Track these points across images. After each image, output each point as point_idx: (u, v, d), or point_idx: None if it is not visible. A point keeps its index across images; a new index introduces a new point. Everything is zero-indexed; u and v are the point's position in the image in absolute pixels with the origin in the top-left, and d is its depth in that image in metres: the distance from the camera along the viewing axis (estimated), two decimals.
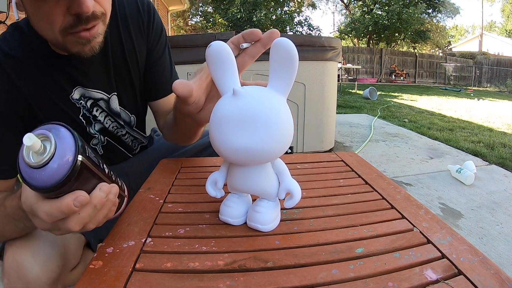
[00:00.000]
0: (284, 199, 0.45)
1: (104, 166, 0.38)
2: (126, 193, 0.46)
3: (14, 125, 0.60)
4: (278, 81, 0.40)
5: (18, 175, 0.33)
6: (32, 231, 0.54)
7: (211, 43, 0.41)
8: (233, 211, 0.45)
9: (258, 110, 0.37)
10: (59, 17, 0.50)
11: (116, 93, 0.72)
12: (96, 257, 0.38)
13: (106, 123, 0.74)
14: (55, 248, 0.54)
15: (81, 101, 0.68)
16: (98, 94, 0.70)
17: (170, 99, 0.77)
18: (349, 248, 0.40)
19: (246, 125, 0.37)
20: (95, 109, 0.71)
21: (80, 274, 0.59)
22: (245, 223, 0.45)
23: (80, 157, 0.31)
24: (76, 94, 0.67)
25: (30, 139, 0.28)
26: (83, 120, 0.69)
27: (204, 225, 0.45)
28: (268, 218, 0.44)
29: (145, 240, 0.42)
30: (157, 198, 0.54)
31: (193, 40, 2.37)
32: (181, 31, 17.16)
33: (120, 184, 0.43)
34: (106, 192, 0.36)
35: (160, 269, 0.36)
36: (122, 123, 0.77)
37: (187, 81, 0.47)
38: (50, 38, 0.55)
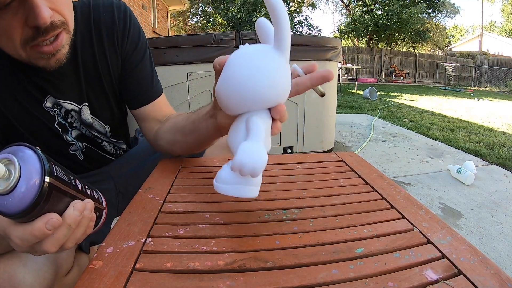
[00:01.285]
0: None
1: (77, 181, 0.37)
2: (104, 204, 0.45)
3: None
4: (275, 37, 0.40)
5: None
6: None
7: (260, 18, 0.45)
8: (220, 174, 0.42)
9: (244, 58, 0.40)
10: (18, 30, 0.48)
11: (87, 103, 0.69)
12: (96, 257, 0.38)
13: (82, 129, 0.72)
14: (45, 256, 0.53)
15: (55, 109, 0.66)
16: (69, 105, 0.67)
17: (157, 105, 0.75)
18: (349, 248, 0.40)
19: (234, 68, 0.41)
20: (70, 115, 0.69)
21: (75, 278, 0.60)
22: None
23: (47, 179, 0.30)
24: (48, 103, 0.64)
25: None
26: (59, 128, 0.68)
27: (204, 225, 0.45)
28: (223, 176, 0.40)
29: (145, 240, 0.42)
30: (157, 198, 0.54)
31: (193, 40, 2.37)
32: (181, 31, 17.16)
33: (96, 197, 0.42)
34: (80, 210, 0.35)
35: (160, 269, 0.36)
36: (97, 133, 0.74)
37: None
38: (13, 54, 0.52)
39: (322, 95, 0.47)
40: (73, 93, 0.66)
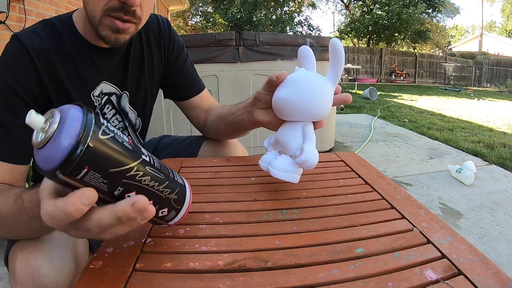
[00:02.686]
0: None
1: (153, 158, 0.34)
2: (187, 198, 0.41)
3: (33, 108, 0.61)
4: (330, 70, 0.55)
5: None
6: (44, 237, 0.52)
7: (302, 46, 0.59)
8: (265, 157, 0.58)
9: (301, 78, 0.54)
10: None
11: (127, 92, 0.77)
12: (96, 257, 0.38)
13: (113, 122, 0.77)
14: (68, 252, 0.53)
15: (99, 98, 0.72)
16: (113, 88, 0.74)
17: (203, 96, 0.89)
18: (349, 248, 0.40)
19: (290, 85, 0.54)
20: (106, 106, 0.74)
21: None
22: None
23: (90, 141, 0.27)
24: (97, 91, 0.71)
25: (29, 116, 0.26)
26: None
27: (204, 225, 0.45)
28: (279, 165, 0.53)
29: (145, 240, 0.42)
30: None
31: (193, 40, 2.37)
32: (181, 31, 17.16)
33: (177, 188, 0.38)
34: (140, 209, 0.30)
35: (160, 269, 0.36)
36: (128, 124, 0.80)
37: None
38: (91, 13, 0.60)
39: (342, 109, 0.64)
40: (119, 78, 0.75)
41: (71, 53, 0.66)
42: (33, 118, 0.27)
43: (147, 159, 0.34)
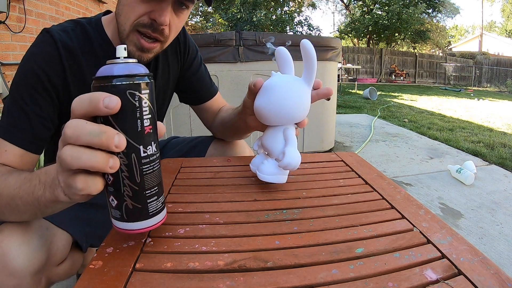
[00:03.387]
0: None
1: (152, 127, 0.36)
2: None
3: (54, 102, 0.64)
4: (304, 72, 0.55)
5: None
6: (24, 223, 0.53)
7: (279, 47, 0.59)
8: (254, 160, 0.61)
9: (278, 83, 0.55)
10: (139, 13, 0.59)
11: None
12: (96, 257, 0.38)
13: None
14: (42, 242, 0.55)
15: None
16: None
17: (215, 101, 0.92)
18: (349, 248, 0.40)
19: (268, 92, 0.55)
20: None
21: (66, 270, 0.63)
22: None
23: (147, 79, 0.35)
24: None
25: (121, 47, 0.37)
26: None
27: (204, 225, 0.45)
28: (266, 169, 0.56)
29: (145, 240, 0.42)
30: None
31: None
32: None
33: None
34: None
35: (160, 269, 0.36)
36: None
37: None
38: (121, 25, 0.62)
39: (328, 99, 0.60)
40: None
41: (98, 55, 0.67)
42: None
43: (149, 152, 0.35)
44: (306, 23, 16.90)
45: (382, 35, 15.91)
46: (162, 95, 0.84)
